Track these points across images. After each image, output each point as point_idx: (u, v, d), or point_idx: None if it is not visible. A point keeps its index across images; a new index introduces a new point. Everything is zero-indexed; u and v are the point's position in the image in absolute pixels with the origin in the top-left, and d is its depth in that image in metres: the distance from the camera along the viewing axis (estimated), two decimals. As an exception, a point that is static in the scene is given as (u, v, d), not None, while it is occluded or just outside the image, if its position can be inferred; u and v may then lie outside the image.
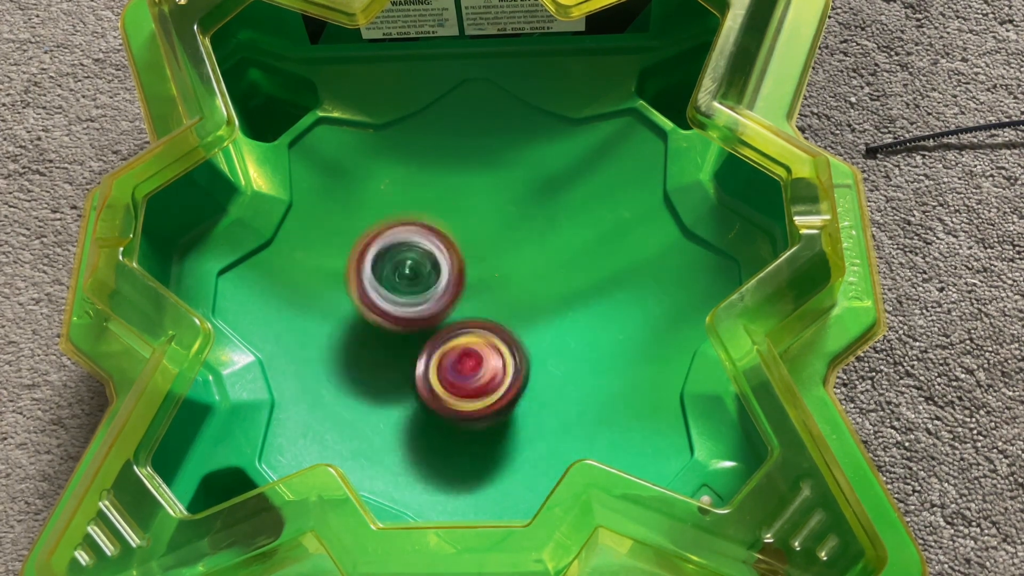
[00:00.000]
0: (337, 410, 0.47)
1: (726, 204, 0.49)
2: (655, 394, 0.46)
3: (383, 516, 0.44)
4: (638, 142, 0.51)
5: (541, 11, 0.51)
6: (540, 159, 0.52)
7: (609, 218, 0.50)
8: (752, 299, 0.39)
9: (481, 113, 0.53)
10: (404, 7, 0.51)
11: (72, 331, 0.42)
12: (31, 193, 0.57)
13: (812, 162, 0.41)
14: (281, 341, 0.49)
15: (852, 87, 0.57)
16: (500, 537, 0.36)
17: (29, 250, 0.55)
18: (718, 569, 0.36)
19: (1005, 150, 0.55)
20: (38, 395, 0.52)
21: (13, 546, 0.49)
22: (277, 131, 0.53)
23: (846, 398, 0.50)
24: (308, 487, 0.37)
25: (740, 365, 0.38)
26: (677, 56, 0.52)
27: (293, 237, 0.51)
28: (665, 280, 0.49)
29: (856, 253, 0.42)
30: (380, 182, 0.52)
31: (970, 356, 0.51)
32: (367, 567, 0.36)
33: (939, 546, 0.48)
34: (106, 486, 0.38)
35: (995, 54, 0.57)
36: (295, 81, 0.54)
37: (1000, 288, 0.52)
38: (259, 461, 0.45)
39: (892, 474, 0.49)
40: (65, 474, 0.51)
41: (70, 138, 0.58)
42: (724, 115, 0.42)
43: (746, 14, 0.44)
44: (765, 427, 0.37)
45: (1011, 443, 0.49)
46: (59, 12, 0.62)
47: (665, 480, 0.44)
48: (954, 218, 0.54)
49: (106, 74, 0.60)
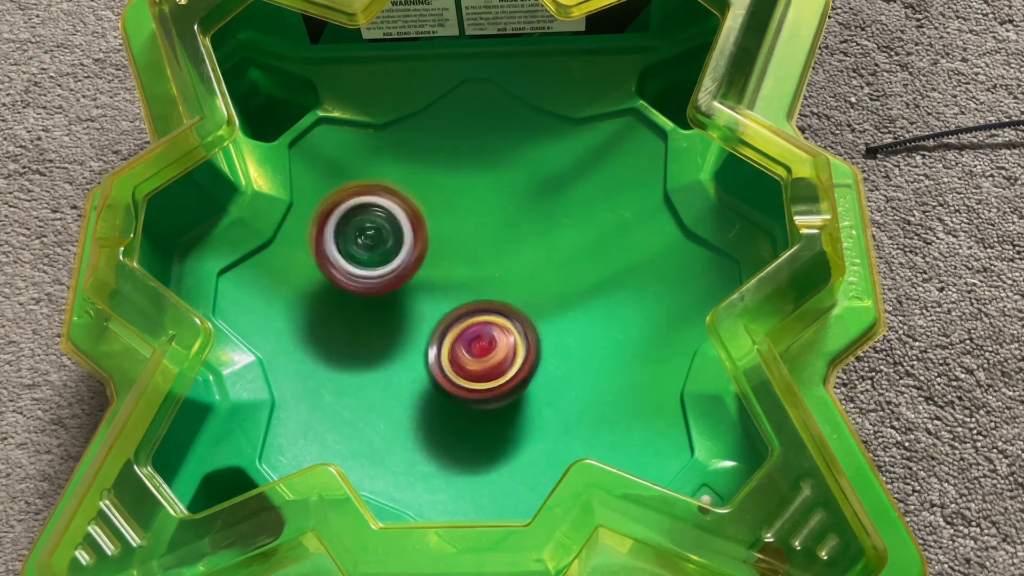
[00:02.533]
0: (337, 410, 0.47)
1: (726, 204, 0.49)
2: (655, 394, 0.46)
3: (383, 516, 0.44)
4: (638, 142, 0.51)
5: (541, 11, 0.51)
6: (540, 159, 0.52)
7: (609, 218, 0.50)
8: (752, 299, 0.39)
9: (481, 113, 0.53)
10: (404, 7, 0.51)
11: (72, 331, 0.42)
12: (31, 193, 0.57)
13: (812, 162, 0.41)
14: (281, 341, 0.49)
15: (852, 87, 0.57)
16: (500, 537, 0.36)
17: (29, 250, 0.55)
18: (718, 569, 0.36)
19: (1005, 150, 0.55)
20: (38, 395, 0.52)
21: (13, 546, 0.49)
22: (277, 131, 0.53)
23: (846, 398, 0.50)
24: (308, 487, 0.37)
25: (740, 365, 0.38)
26: (677, 56, 0.52)
27: (293, 237, 0.51)
28: (665, 280, 0.49)
29: (856, 253, 0.42)
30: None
31: (970, 356, 0.51)
32: (367, 567, 0.36)
33: (939, 546, 0.48)
34: (106, 486, 0.38)
35: (995, 54, 0.57)
36: (295, 81, 0.54)
37: (1000, 288, 0.52)
38: (259, 461, 0.45)
39: (892, 474, 0.49)
40: (65, 474, 0.51)
41: (70, 138, 0.58)
42: (724, 115, 0.42)
43: (746, 14, 0.44)
44: (765, 427, 0.37)
45: (1011, 443, 0.49)
46: (59, 12, 0.62)
47: (665, 480, 0.44)
48: (954, 218, 0.54)
49: (106, 74, 0.60)
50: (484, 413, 0.47)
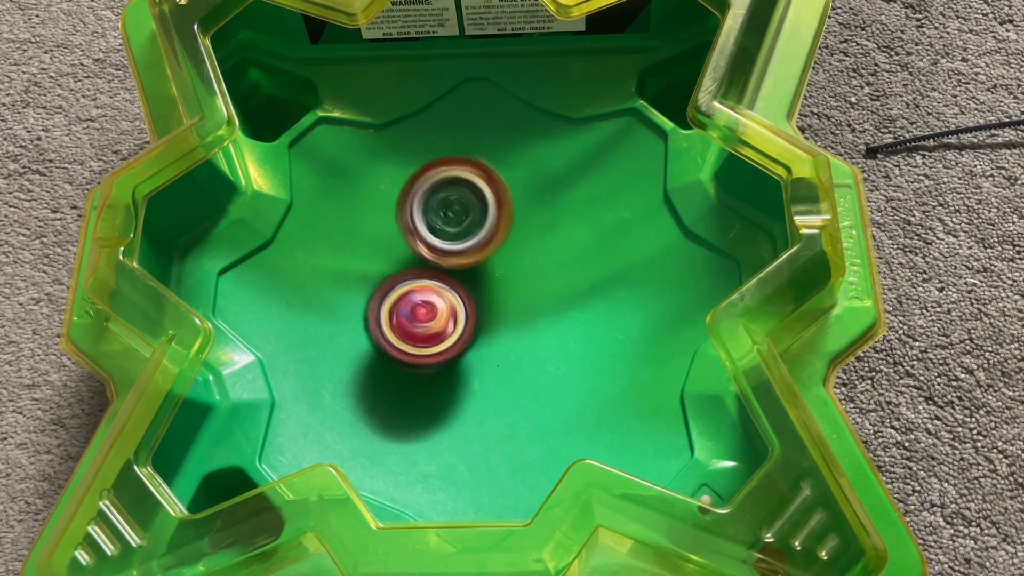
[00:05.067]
0: (337, 410, 0.47)
1: (726, 204, 0.49)
2: (655, 394, 0.46)
3: (383, 516, 0.44)
4: (638, 142, 0.51)
5: (541, 11, 0.51)
6: (540, 159, 0.52)
7: (609, 218, 0.50)
8: (752, 299, 0.39)
9: (481, 113, 0.53)
10: (404, 7, 0.51)
11: (72, 331, 0.42)
12: (31, 193, 0.57)
13: (812, 162, 0.41)
14: (281, 341, 0.49)
15: (852, 87, 0.57)
16: (500, 537, 0.36)
17: (29, 250, 0.55)
18: (718, 569, 0.36)
19: (1005, 150, 0.55)
20: (38, 395, 0.52)
21: (13, 546, 0.49)
22: (277, 131, 0.53)
23: (846, 398, 0.50)
24: (308, 487, 0.37)
25: (740, 365, 0.38)
26: (677, 56, 0.52)
27: (293, 237, 0.51)
28: (665, 280, 0.49)
29: (856, 253, 0.42)
30: (380, 182, 0.52)
31: (970, 356, 0.51)
32: (367, 567, 0.36)
33: (939, 546, 0.48)
34: (106, 486, 0.38)
35: (995, 54, 0.57)
36: (295, 81, 0.54)
37: (1000, 288, 0.52)
38: (259, 461, 0.45)
39: (892, 474, 0.49)
40: (65, 474, 0.51)
41: (70, 138, 0.58)
42: (724, 115, 0.42)
43: (746, 14, 0.44)
44: (765, 427, 0.37)
45: (1011, 443, 0.49)
46: (59, 12, 0.62)
47: (665, 480, 0.44)
48: (954, 218, 0.54)
49: (106, 74, 0.60)
50: (484, 413, 0.47)
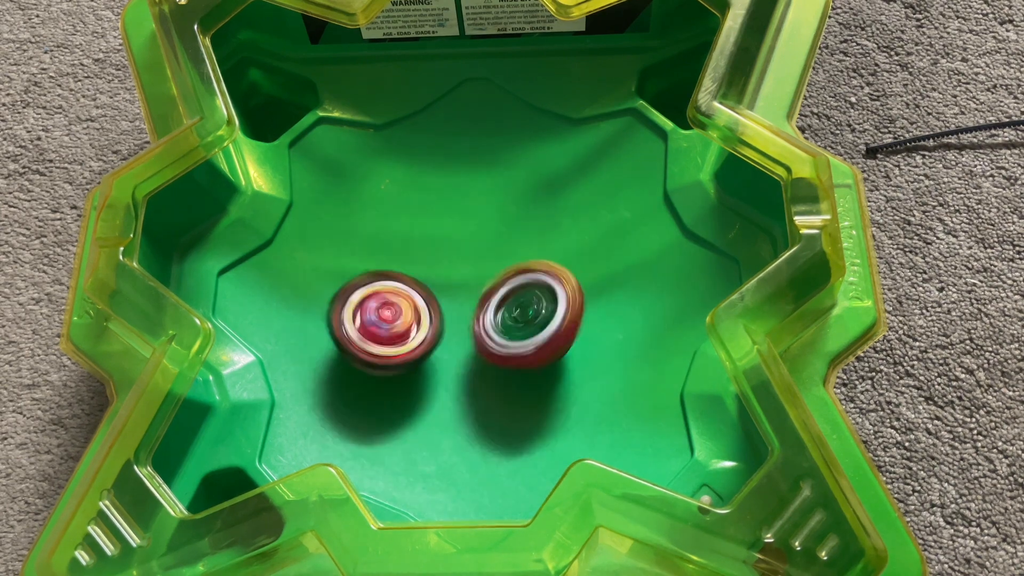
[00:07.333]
0: (337, 410, 0.47)
1: (726, 204, 0.49)
2: (655, 394, 0.46)
3: (383, 516, 0.44)
4: (638, 142, 0.51)
5: (541, 11, 0.51)
6: (540, 159, 0.52)
7: (609, 218, 0.50)
8: (752, 299, 0.39)
9: (481, 113, 0.53)
10: (404, 7, 0.51)
11: (72, 331, 0.42)
12: (31, 193, 0.57)
13: (812, 162, 0.41)
14: (281, 341, 0.49)
15: (852, 87, 0.57)
16: (500, 537, 0.36)
17: (29, 250, 0.55)
18: (718, 569, 0.36)
19: (1005, 150, 0.55)
20: (38, 395, 0.52)
21: (13, 546, 0.49)
22: (277, 131, 0.53)
23: (846, 398, 0.50)
24: (308, 487, 0.37)
25: (740, 365, 0.38)
26: (677, 56, 0.52)
27: (293, 237, 0.51)
28: (665, 280, 0.49)
29: (856, 253, 0.42)
30: (380, 182, 0.52)
31: (970, 356, 0.51)
32: (367, 567, 0.36)
33: (939, 546, 0.48)
34: (106, 486, 0.38)
35: (995, 54, 0.57)
36: (295, 81, 0.54)
37: (1000, 288, 0.52)
38: (259, 461, 0.45)
39: (892, 474, 0.49)
40: (65, 474, 0.51)
41: (70, 138, 0.58)
42: (724, 115, 0.42)
43: (746, 14, 0.44)
44: (765, 427, 0.37)
45: (1011, 443, 0.49)
46: (59, 12, 0.62)
47: (665, 480, 0.44)
48: (954, 218, 0.54)
49: (106, 74, 0.60)
50: (484, 414, 0.47)
